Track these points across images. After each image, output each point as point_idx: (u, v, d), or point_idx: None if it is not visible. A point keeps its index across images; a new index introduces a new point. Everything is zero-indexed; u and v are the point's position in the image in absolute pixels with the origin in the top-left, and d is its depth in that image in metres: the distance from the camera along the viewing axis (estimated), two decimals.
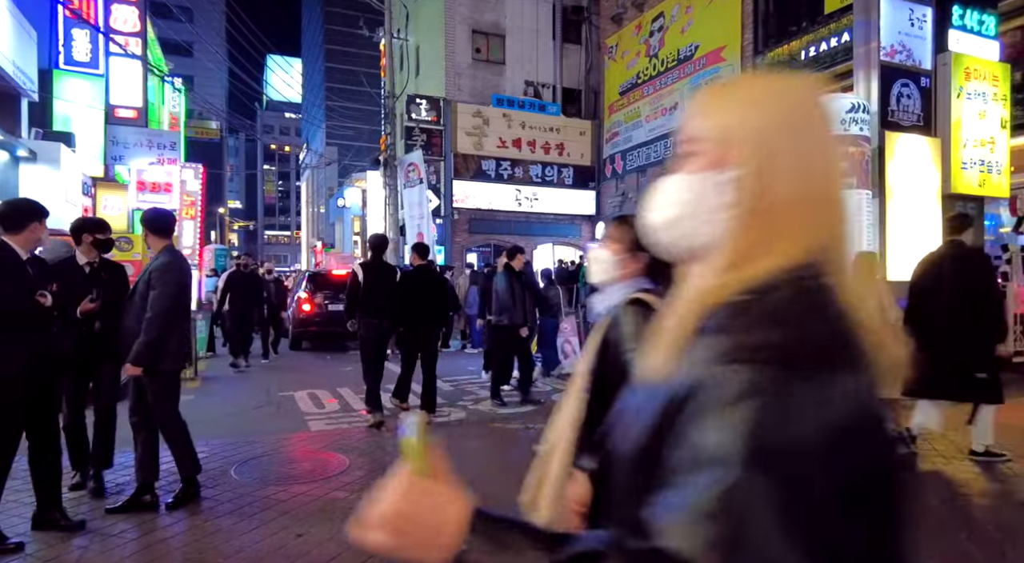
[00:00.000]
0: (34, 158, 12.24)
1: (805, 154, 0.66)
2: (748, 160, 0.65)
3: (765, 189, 0.64)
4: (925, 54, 7.17)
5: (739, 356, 0.55)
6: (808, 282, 0.61)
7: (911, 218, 6.72)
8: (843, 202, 0.68)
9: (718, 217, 0.66)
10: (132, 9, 18.08)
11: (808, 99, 0.71)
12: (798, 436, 0.51)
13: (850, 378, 0.55)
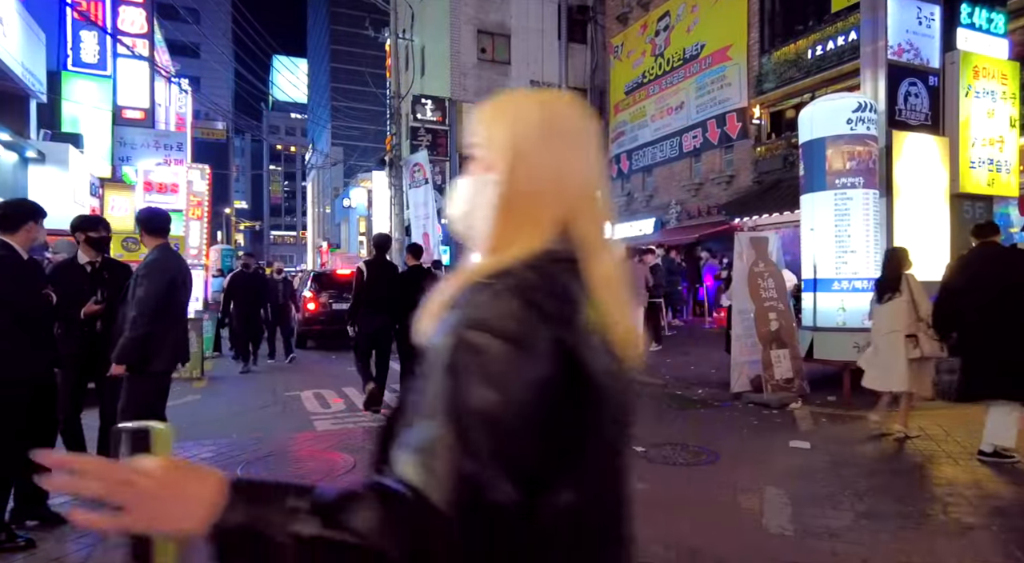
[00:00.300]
0: (43, 159, 12.32)
1: (551, 159, 0.79)
2: (504, 164, 0.79)
3: (516, 188, 0.78)
4: (933, 53, 7.12)
5: (464, 324, 0.68)
6: (544, 265, 0.74)
7: (919, 217, 6.68)
8: (591, 198, 0.81)
9: (486, 211, 0.80)
10: (139, 11, 18.18)
11: (559, 113, 0.83)
12: (493, 392, 0.64)
13: (553, 342, 0.68)
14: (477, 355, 0.66)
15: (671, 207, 18.20)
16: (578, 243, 0.78)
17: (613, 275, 0.79)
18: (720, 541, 3.12)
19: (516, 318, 0.68)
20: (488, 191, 0.80)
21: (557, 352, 0.68)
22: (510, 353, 0.66)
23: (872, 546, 3.08)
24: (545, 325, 0.69)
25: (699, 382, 7.38)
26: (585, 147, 0.83)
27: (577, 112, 0.84)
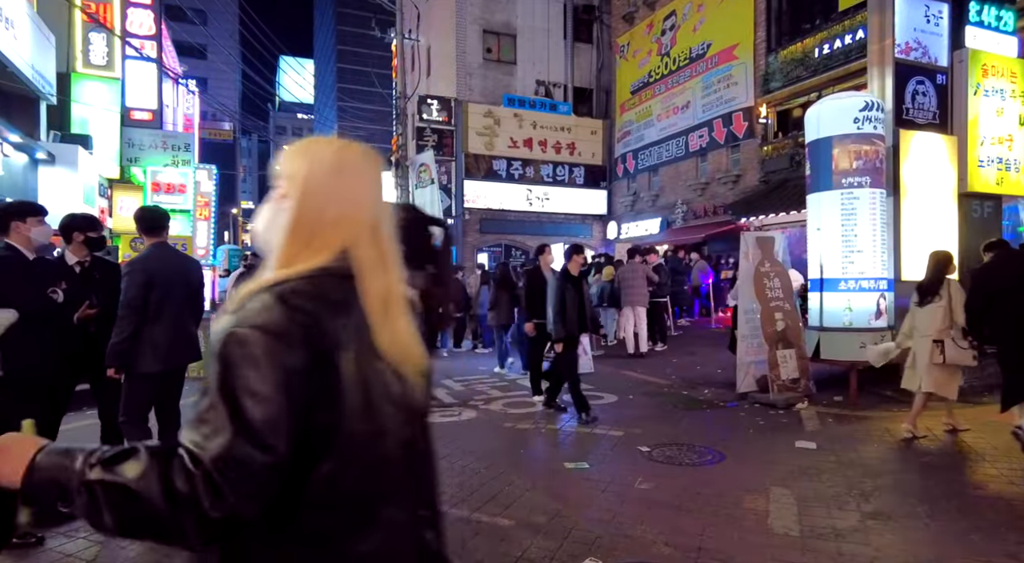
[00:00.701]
0: (52, 160, 12.43)
1: (336, 194, 0.97)
2: (296, 194, 0.97)
3: (303, 215, 0.96)
4: (941, 51, 7.07)
5: (236, 323, 0.85)
6: (316, 278, 0.91)
7: (926, 217, 6.64)
8: (372, 228, 0.98)
9: (278, 233, 0.97)
10: (148, 12, 18.31)
11: (348, 158, 1.01)
12: (252, 374, 0.82)
13: (307, 339, 0.85)
14: (241, 346, 0.83)
15: (677, 207, 18.15)
16: (355, 264, 0.95)
17: (391, 293, 0.97)
18: (725, 541, 3.12)
19: (276, 317, 0.85)
20: (281, 216, 0.97)
21: (311, 347, 0.85)
22: (268, 344, 0.83)
23: (878, 547, 3.07)
24: (302, 324, 0.86)
25: (705, 382, 7.37)
26: (368, 187, 1.01)
27: (365, 158, 1.03)
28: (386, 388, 0.94)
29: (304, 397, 0.84)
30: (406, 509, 0.98)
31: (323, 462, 0.87)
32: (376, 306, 0.94)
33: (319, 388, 0.86)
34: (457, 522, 3.38)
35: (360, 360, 0.90)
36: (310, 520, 0.87)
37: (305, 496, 0.87)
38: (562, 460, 4.52)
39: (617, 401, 6.58)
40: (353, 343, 0.90)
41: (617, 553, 3.00)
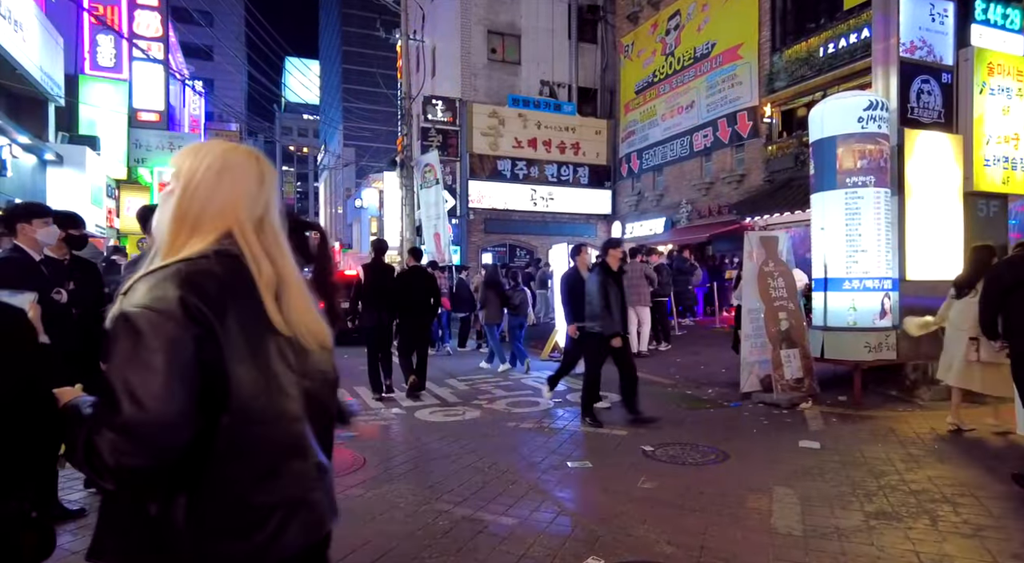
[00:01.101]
0: (60, 161, 12.53)
1: (219, 189, 1.10)
2: (179, 189, 1.10)
3: (188, 207, 1.09)
4: (946, 49, 7.04)
5: (125, 303, 0.99)
6: (199, 261, 1.04)
7: (931, 216, 6.61)
8: (255, 219, 1.12)
9: (166, 222, 1.10)
10: (154, 14, 18.43)
11: (232, 158, 1.14)
12: (140, 352, 0.95)
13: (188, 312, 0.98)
14: (129, 324, 0.97)
15: (682, 206, 18.13)
16: (243, 250, 1.09)
17: (283, 275, 1.12)
18: (728, 540, 3.13)
19: (160, 295, 0.98)
20: (168, 207, 1.11)
21: (196, 320, 0.98)
22: (154, 320, 0.96)
23: (882, 546, 3.07)
24: (184, 301, 0.98)
25: (708, 382, 7.37)
26: (251, 183, 1.14)
27: (248, 158, 1.17)
28: (281, 356, 1.10)
29: (194, 365, 0.98)
30: (309, 463, 1.14)
31: (222, 416, 1.01)
32: (267, 286, 1.09)
33: (209, 355, 1.00)
34: (460, 521, 3.40)
35: (248, 331, 1.05)
36: (218, 470, 1.02)
37: (212, 449, 1.02)
38: (565, 459, 4.53)
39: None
40: (242, 316, 1.04)
41: (620, 552, 3.01)
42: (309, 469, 1.13)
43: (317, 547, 1.20)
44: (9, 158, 10.51)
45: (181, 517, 1.01)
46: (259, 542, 1.04)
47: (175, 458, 0.98)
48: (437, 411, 6.20)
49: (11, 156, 10.61)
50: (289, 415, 1.10)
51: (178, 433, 0.97)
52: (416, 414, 6.08)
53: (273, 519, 1.06)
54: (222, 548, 1.02)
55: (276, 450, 1.09)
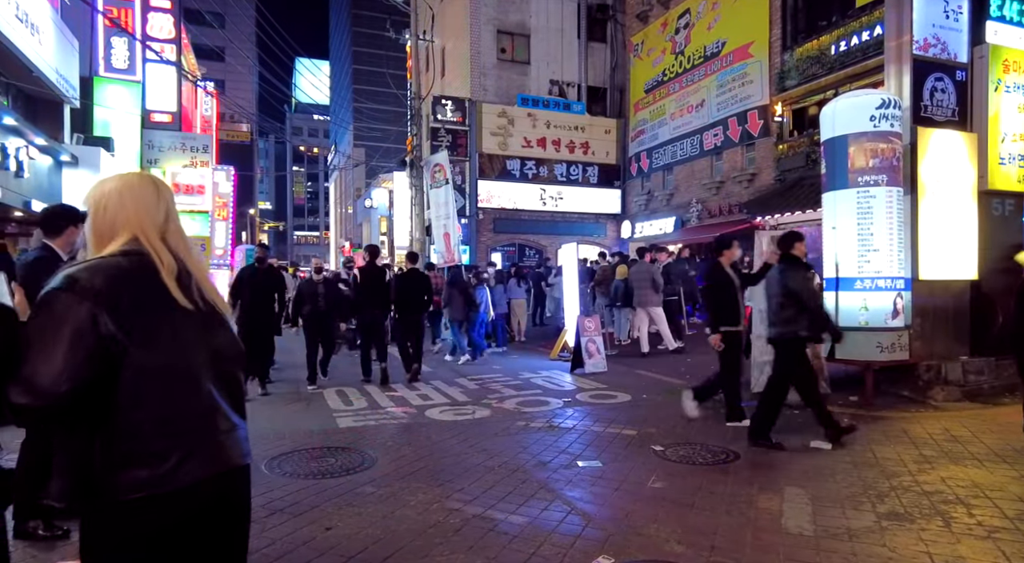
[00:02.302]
0: (75, 163, 12.69)
1: (123, 207, 1.45)
2: (92, 211, 1.45)
3: (98, 221, 1.44)
4: (961, 47, 6.97)
5: (46, 288, 1.29)
6: (107, 258, 1.37)
7: (945, 215, 6.55)
8: (155, 226, 1.45)
9: (88, 235, 1.46)
10: (167, 16, 18.60)
11: (130, 182, 1.50)
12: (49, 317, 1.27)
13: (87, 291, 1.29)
14: (44, 296, 1.28)
15: (692, 206, 18.06)
16: (148, 248, 1.41)
17: (185, 266, 1.44)
18: (738, 540, 3.13)
19: (68, 282, 1.29)
20: (87, 226, 1.46)
21: (95, 299, 1.27)
22: (62, 299, 1.27)
23: (894, 547, 3.05)
24: (87, 285, 1.28)
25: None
26: (147, 200, 1.47)
27: (142, 181, 1.52)
28: (182, 327, 1.38)
29: (88, 332, 1.26)
30: (209, 415, 1.40)
31: (122, 372, 1.29)
32: (169, 273, 1.40)
33: (104, 327, 1.27)
34: (471, 519, 3.42)
35: (147, 307, 1.34)
36: (123, 417, 1.29)
37: (116, 400, 1.29)
38: (575, 459, 4.54)
39: (631, 400, 6.58)
40: (140, 296, 1.34)
41: (629, 551, 3.02)
42: (209, 419, 1.40)
43: (225, 477, 1.43)
44: (26, 159, 10.66)
45: (97, 454, 1.30)
46: (161, 472, 1.31)
47: (62, 402, 1.25)
48: (447, 410, 6.23)
49: (28, 157, 10.77)
50: (184, 374, 1.37)
51: (59, 382, 1.23)
52: (426, 413, 6.11)
53: (172, 456, 1.32)
54: (129, 475, 1.29)
55: (173, 402, 1.35)
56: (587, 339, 8.49)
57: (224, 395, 1.45)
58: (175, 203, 1.56)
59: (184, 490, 1.33)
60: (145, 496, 1.29)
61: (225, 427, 1.43)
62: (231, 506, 1.48)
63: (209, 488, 1.39)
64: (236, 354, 1.51)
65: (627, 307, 10.66)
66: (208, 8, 37.38)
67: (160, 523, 1.32)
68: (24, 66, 10.75)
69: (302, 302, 7.79)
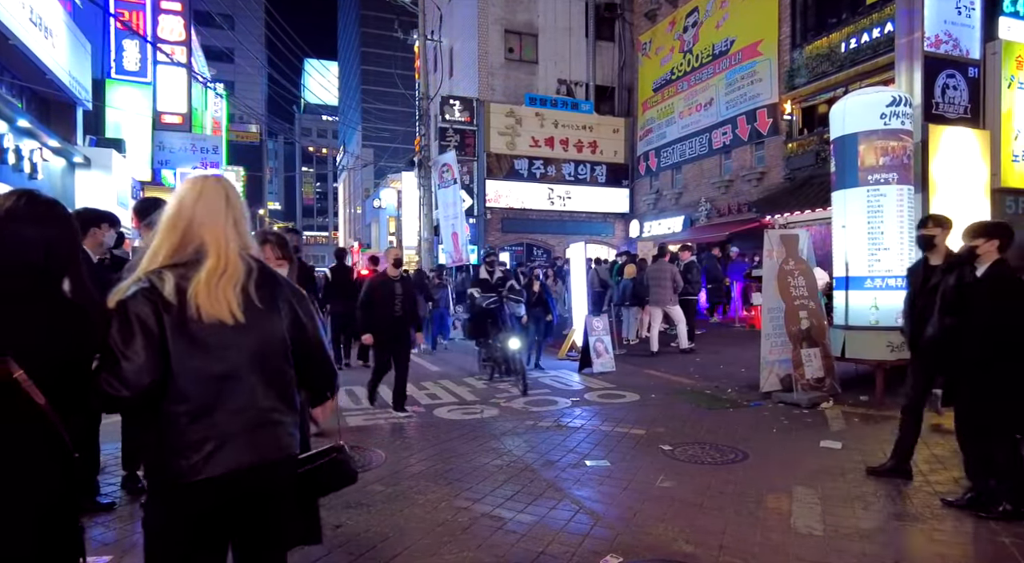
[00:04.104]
0: (88, 164, 12.82)
1: (193, 214, 1.59)
2: (168, 215, 1.61)
3: (169, 227, 1.59)
4: (973, 43, 6.91)
5: (119, 297, 1.48)
6: (181, 267, 1.53)
7: (957, 213, 6.47)
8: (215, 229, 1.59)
9: (162, 234, 1.59)
10: (178, 19, 18.75)
11: (206, 188, 1.64)
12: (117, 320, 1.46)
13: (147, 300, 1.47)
14: (127, 299, 1.47)
15: (701, 205, 17.99)
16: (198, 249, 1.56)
17: (215, 266, 1.54)
18: (747, 540, 3.12)
19: (145, 285, 1.49)
20: (160, 228, 1.60)
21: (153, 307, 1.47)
22: (140, 300, 1.47)
23: (904, 547, 3.04)
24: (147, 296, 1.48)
25: (728, 381, 7.32)
26: (218, 208, 1.61)
27: (219, 187, 1.65)
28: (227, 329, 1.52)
29: (160, 332, 1.46)
30: (242, 410, 1.53)
31: (171, 369, 1.47)
32: (228, 281, 1.54)
33: (167, 327, 1.47)
34: (479, 517, 3.43)
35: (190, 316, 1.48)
36: (169, 410, 1.47)
37: (165, 395, 1.47)
38: (583, 458, 4.54)
39: (639, 400, 6.57)
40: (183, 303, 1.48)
41: (638, 551, 3.02)
42: (241, 415, 1.52)
43: (262, 469, 1.55)
44: (40, 161, 10.79)
45: (153, 441, 1.50)
46: (194, 461, 1.46)
47: (142, 393, 1.44)
48: (455, 409, 6.24)
49: (42, 159, 10.89)
50: (224, 374, 1.51)
51: (141, 377, 1.43)
52: (435, 412, 6.13)
53: (206, 446, 1.47)
54: (172, 463, 1.47)
55: (207, 398, 1.49)
56: (595, 338, 8.48)
57: (266, 391, 1.57)
58: (244, 207, 1.69)
59: (217, 479, 1.47)
60: (184, 483, 1.46)
61: (264, 422, 1.56)
62: (267, 496, 1.59)
63: (244, 478, 1.51)
64: (278, 352, 1.61)
65: (635, 306, 10.62)
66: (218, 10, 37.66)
67: (199, 508, 1.48)
68: (38, 69, 10.87)
69: (373, 306, 5.97)
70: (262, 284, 1.60)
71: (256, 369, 1.55)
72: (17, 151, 10.02)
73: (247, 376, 1.53)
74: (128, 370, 1.41)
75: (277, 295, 1.63)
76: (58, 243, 1.54)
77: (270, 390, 1.57)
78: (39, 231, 1.51)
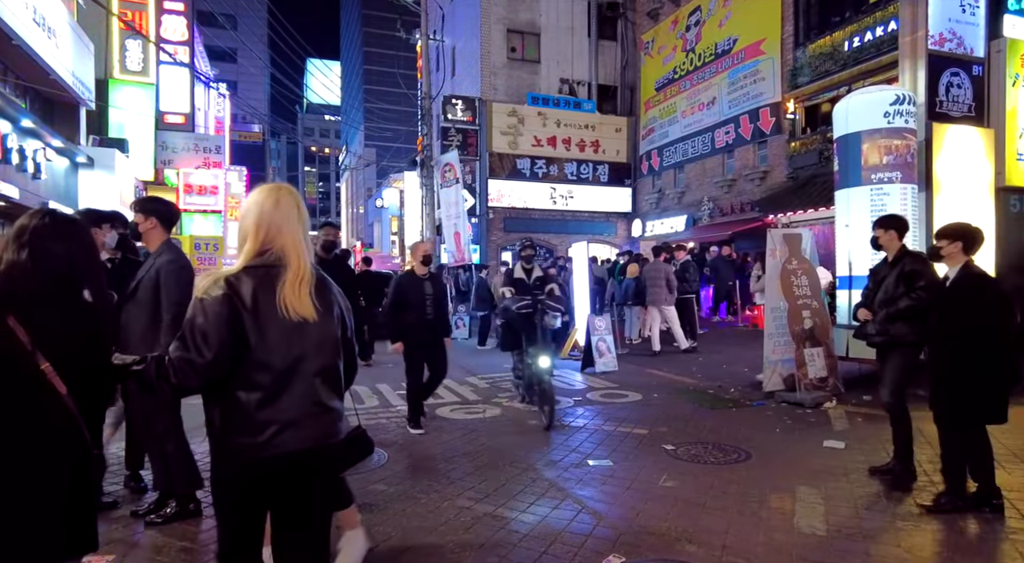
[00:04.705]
0: (91, 164, 12.85)
1: (260, 215, 1.77)
2: (245, 220, 1.80)
3: (245, 231, 1.78)
4: (977, 41, 6.88)
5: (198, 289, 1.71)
6: (246, 266, 1.73)
7: (960, 212, 6.45)
8: (290, 235, 1.77)
9: (242, 236, 1.80)
10: (181, 19, 18.78)
11: (280, 195, 1.82)
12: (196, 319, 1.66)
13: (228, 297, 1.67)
14: (196, 304, 1.66)
15: (703, 204, 17.96)
16: (278, 254, 1.75)
17: (297, 270, 1.74)
18: (750, 540, 3.11)
19: (212, 288, 1.67)
20: (241, 231, 1.81)
21: (232, 304, 1.66)
22: (207, 304, 1.65)
23: (909, 548, 3.02)
24: (227, 293, 1.66)
25: (731, 381, 7.30)
26: (292, 215, 1.80)
27: (289, 195, 1.84)
28: (290, 326, 1.70)
29: (227, 331, 1.64)
30: (302, 400, 1.72)
31: (241, 358, 1.66)
32: (296, 282, 1.73)
33: (238, 327, 1.65)
34: (482, 517, 3.43)
35: (264, 313, 1.68)
36: (236, 395, 1.68)
37: (233, 382, 1.67)
38: (586, 457, 4.54)
39: (642, 399, 6.56)
40: (263, 305, 1.68)
41: (641, 551, 3.01)
42: (302, 403, 1.72)
43: (316, 451, 1.75)
44: (44, 161, 10.82)
45: (217, 420, 1.71)
46: (259, 440, 1.66)
47: (210, 381, 1.66)
48: (458, 409, 6.24)
49: (45, 159, 10.92)
50: (287, 366, 1.70)
51: (216, 368, 1.64)
52: (437, 411, 6.13)
53: (269, 429, 1.67)
54: (237, 440, 1.68)
55: (276, 387, 1.69)
56: (597, 338, 8.47)
57: (324, 383, 1.77)
58: (308, 216, 1.89)
59: (277, 457, 1.69)
60: (255, 458, 1.68)
61: (319, 411, 1.76)
62: (318, 474, 1.79)
63: (300, 459, 1.73)
64: (334, 349, 1.82)
65: (638, 305, 10.61)
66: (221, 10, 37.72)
67: (256, 476, 1.71)
68: (41, 69, 10.90)
69: (404, 306, 5.22)
70: (321, 288, 1.81)
71: (316, 363, 1.75)
72: (21, 151, 10.04)
73: (308, 369, 1.74)
74: (200, 363, 1.62)
75: (332, 299, 1.84)
76: (80, 257, 1.80)
77: (325, 382, 1.78)
78: (64, 247, 1.76)
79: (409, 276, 5.42)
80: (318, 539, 1.86)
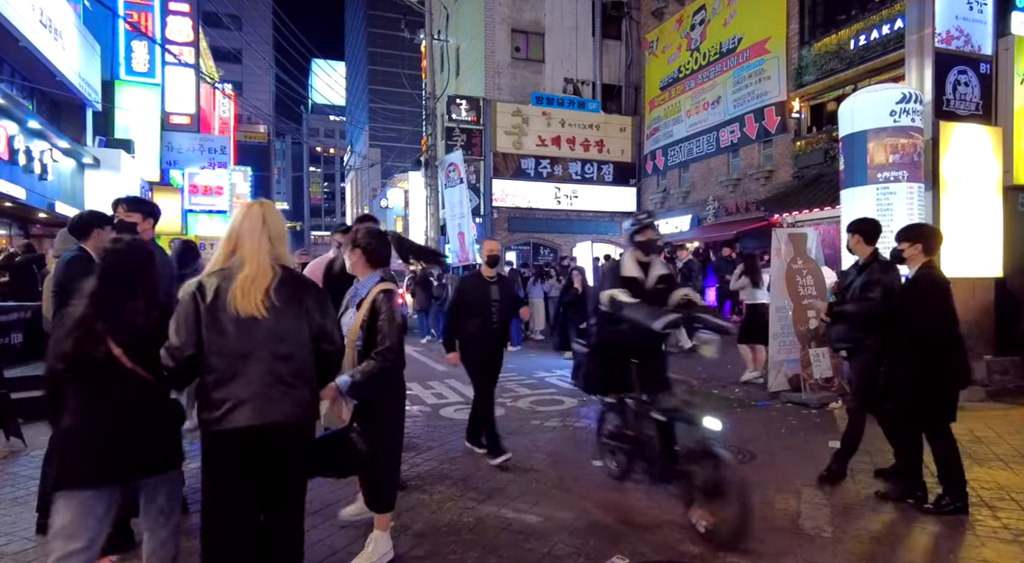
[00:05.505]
0: (97, 165, 12.91)
1: (231, 227, 2.16)
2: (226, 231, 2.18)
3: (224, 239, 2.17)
4: (985, 39, 6.82)
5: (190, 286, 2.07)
6: (214, 273, 2.09)
7: (968, 211, 6.41)
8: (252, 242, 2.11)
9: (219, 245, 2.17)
10: (186, 20, 18.85)
11: (244, 209, 2.20)
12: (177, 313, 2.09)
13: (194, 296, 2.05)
14: (183, 293, 2.04)
15: (708, 203, 17.90)
16: (240, 259, 2.08)
17: (249, 272, 2.05)
18: (754, 541, 3.09)
19: (189, 287, 2.04)
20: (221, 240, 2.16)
21: (196, 300, 2.02)
22: (183, 297, 2.03)
23: (914, 550, 3.00)
24: (194, 291, 2.02)
25: (736, 381, 7.27)
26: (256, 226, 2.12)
27: (260, 210, 2.17)
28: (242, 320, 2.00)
29: (195, 322, 2.00)
30: (254, 381, 2.00)
31: (203, 347, 2.01)
32: (246, 282, 2.03)
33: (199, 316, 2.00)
34: (485, 517, 3.42)
35: (219, 308, 2.00)
36: (201, 376, 2.03)
37: (199, 366, 2.02)
38: (589, 458, 4.52)
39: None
40: (218, 301, 2.00)
41: (644, 551, 3.00)
42: (256, 386, 2.00)
43: (271, 429, 2.02)
44: (50, 162, 10.88)
45: (194, 398, 2.08)
46: (215, 415, 1.99)
47: (185, 364, 2.01)
48: (462, 409, 6.23)
49: (52, 160, 10.98)
50: (239, 352, 2.00)
51: (184, 353, 2.00)
52: (440, 411, 6.13)
53: (224, 405, 1.98)
54: (202, 415, 2.02)
55: (227, 371, 2.00)
56: None
57: (282, 369, 2.04)
58: (283, 226, 2.19)
59: (233, 431, 1.98)
60: (212, 431, 2.00)
61: (273, 393, 2.02)
62: (278, 453, 2.07)
63: (255, 435, 2.00)
64: (295, 340, 2.09)
65: None
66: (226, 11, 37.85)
67: (227, 449, 2.01)
68: (48, 70, 10.96)
69: (465, 311, 4.57)
70: (283, 287, 2.08)
71: (269, 352, 2.03)
72: (28, 152, 10.10)
73: (264, 357, 2.02)
74: (174, 348, 1.99)
75: (302, 296, 2.13)
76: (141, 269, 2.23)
77: (283, 369, 2.04)
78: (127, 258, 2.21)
79: (475, 278, 4.70)
80: (292, 506, 2.15)
